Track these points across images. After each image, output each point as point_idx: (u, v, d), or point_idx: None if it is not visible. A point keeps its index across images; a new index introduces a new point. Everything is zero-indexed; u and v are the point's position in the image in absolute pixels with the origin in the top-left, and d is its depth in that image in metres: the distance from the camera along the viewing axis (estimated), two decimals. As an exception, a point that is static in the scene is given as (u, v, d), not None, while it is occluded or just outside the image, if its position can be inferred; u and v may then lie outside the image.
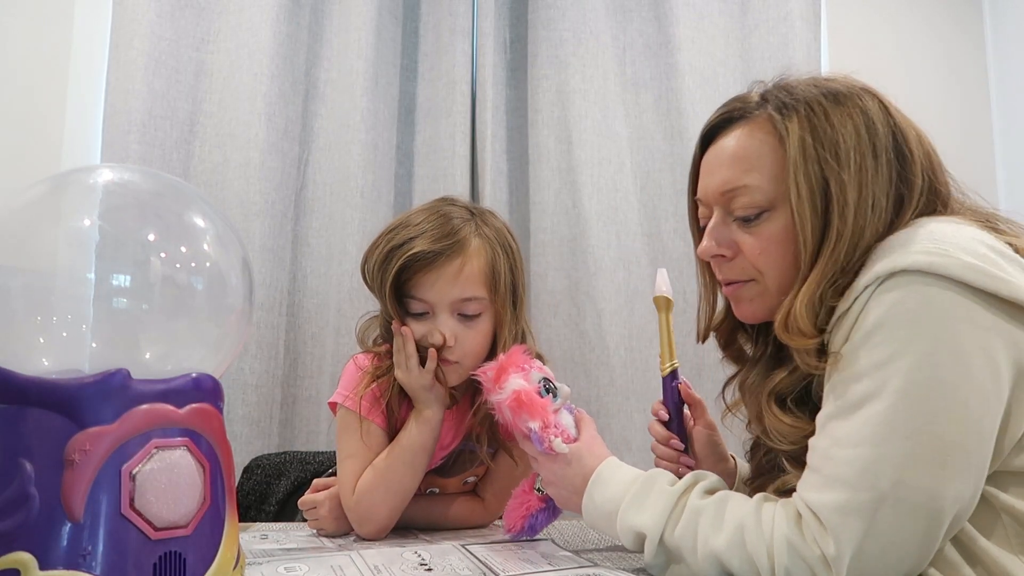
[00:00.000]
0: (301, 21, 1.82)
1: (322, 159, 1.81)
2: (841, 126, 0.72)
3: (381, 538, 0.99)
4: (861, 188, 0.71)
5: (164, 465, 0.59)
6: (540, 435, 0.84)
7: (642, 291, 1.84)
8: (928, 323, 0.62)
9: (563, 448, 0.84)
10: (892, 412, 0.63)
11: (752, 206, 0.76)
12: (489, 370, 0.88)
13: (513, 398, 0.84)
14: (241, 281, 0.72)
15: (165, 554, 0.59)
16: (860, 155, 0.71)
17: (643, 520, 0.74)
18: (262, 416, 1.68)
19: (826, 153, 0.72)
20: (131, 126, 1.65)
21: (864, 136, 0.72)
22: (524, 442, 0.88)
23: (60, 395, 0.57)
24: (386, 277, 0.96)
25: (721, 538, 0.69)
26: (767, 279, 0.77)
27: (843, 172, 0.71)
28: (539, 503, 0.93)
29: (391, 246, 0.97)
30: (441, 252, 0.95)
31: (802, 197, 0.72)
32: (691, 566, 0.72)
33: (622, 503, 0.77)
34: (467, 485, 1.13)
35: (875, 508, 0.62)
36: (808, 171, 0.72)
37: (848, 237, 0.70)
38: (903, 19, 2.08)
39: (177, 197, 0.73)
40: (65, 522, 0.55)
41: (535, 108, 1.88)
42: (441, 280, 0.95)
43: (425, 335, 0.97)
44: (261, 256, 1.69)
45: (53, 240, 0.67)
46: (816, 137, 0.72)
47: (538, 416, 0.84)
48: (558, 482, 0.86)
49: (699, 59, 1.91)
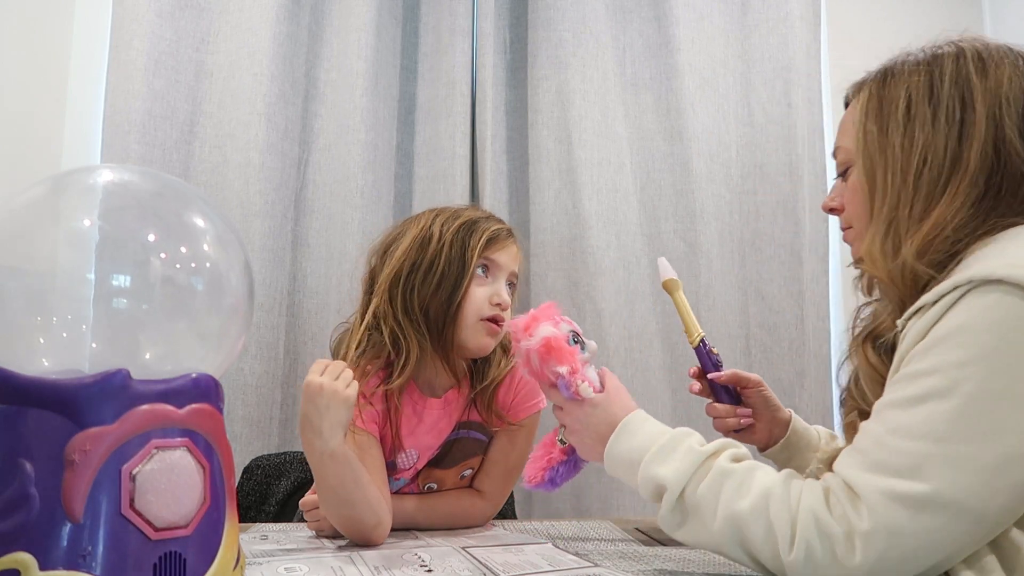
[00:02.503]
0: (301, 21, 1.82)
1: (322, 159, 1.81)
2: (903, 85, 0.78)
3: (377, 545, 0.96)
4: (911, 137, 0.76)
5: (164, 465, 0.59)
6: (568, 379, 0.83)
7: (642, 291, 1.84)
8: (1014, 336, 0.62)
9: (589, 392, 0.84)
10: (958, 414, 0.62)
11: (841, 163, 0.87)
12: (520, 320, 0.88)
13: (543, 343, 0.84)
14: (241, 281, 0.72)
15: (165, 554, 0.58)
16: (912, 107, 0.77)
17: (666, 472, 0.74)
18: (262, 416, 1.68)
19: (880, 112, 0.79)
20: (131, 126, 1.65)
21: (922, 92, 0.77)
22: (550, 391, 0.87)
23: (60, 395, 0.57)
24: (477, 239, 1.07)
25: (746, 502, 0.69)
26: (855, 225, 0.85)
27: (890, 125, 0.77)
28: (561, 455, 0.92)
29: (469, 220, 1.09)
30: (510, 231, 1.12)
31: (858, 149, 0.80)
32: (707, 527, 0.71)
33: (647, 453, 0.77)
34: (463, 480, 1.13)
35: (923, 504, 0.62)
36: (865, 129, 0.80)
37: (900, 180, 0.75)
38: (903, 19, 2.08)
39: (177, 197, 0.73)
40: (65, 522, 0.55)
41: (535, 108, 1.88)
42: (510, 252, 1.10)
43: (491, 295, 1.07)
44: (261, 256, 1.69)
45: (53, 240, 0.67)
46: (871, 99, 0.80)
47: (566, 362, 0.84)
48: (582, 430, 0.85)
49: (699, 59, 1.91)
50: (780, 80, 1.91)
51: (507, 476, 1.13)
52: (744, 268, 1.91)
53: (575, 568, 0.82)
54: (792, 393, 1.82)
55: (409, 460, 1.09)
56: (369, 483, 0.95)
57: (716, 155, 1.91)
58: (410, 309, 1.05)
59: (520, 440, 1.12)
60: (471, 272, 1.05)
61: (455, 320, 1.05)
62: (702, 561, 0.87)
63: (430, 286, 1.05)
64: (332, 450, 0.90)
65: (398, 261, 1.07)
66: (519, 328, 0.87)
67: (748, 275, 1.90)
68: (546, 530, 1.08)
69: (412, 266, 1.06)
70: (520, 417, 1.11)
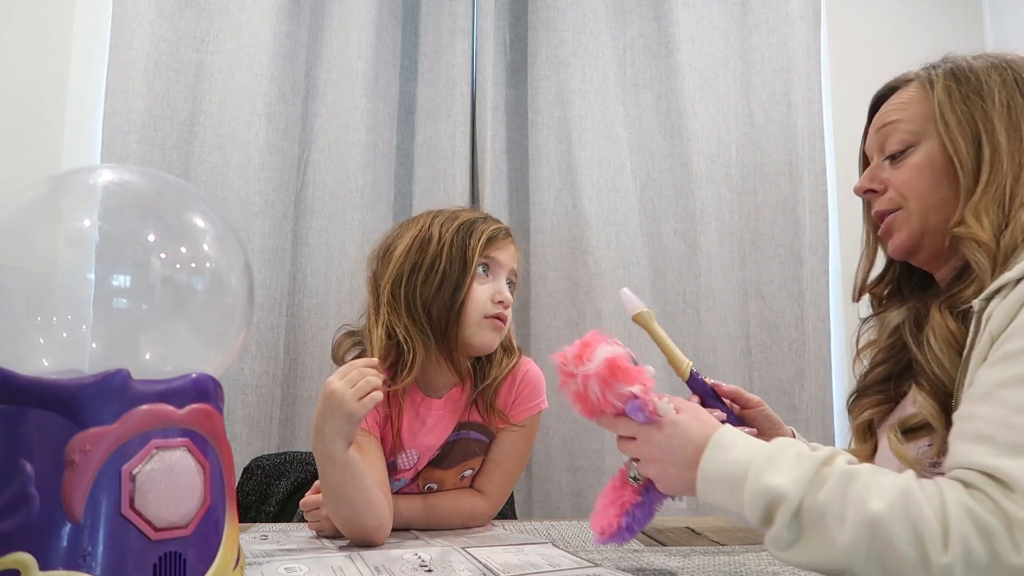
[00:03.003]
0: (301, 21, 1.82)
1: (322, 159, 1.81)
2: (985, 74, 0.81)
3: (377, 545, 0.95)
4: (1010, 118, 0.79)
5: (164, 465, 0.59)
6: (644, 399, 0.73)
7: (642, 291, 1.84)
8: None
9: (670, 409, 0.74)
10: None
11: (900, 142, 0.85)
12: (568, 350, 0.78)
13: (606, 365, 0.74)
14: (241, 281, 0.72)
15: (165, 554, 0.58)
16: (1007, 95, 0.80)
17: (781, 481, 0.65)
18: (262, 416, 1.68)
19: (971, 93, 0.81)
20: (131, 126, 1.65)
21: (1009, 81, 0.80)
22: (615, 421, 0.77)
23: (60, 395, 0.57)
24: (477, 239, 1.08)
25: (881, 503, 0.60)
26: (910, 204, 0.85)
27: (988, 107, 0.80)
28: (634, 496, 0.80)
29: (467, 220, 1.09)
30: (507, 231, 1.13)
31: (950, 126, 0.81)
32: (832, 539, 0.62)
33: (753, 465, 0.67)
34: (464, 480, 1.13)
35: None
36: (954, 108, 0.81)
37: (1009, 161, 0.77)
38: (903, 19, 2.08)
39: (177, 197, 0.73)
40: (65, 522, 0.55)
41: (535, 108, 1.88)
42: (509, 251, 1.12)
43: (493, 293, 1.08)
44: (261, 256, 1.69)
45: (53, 240, 0.67)
46: (960, 83, 0.82)
47: (636, 381, 0.74)
48: (664, 456, 0.74)
49: (699, 59, 1.91)
50: (780, 80, 1.91)
51: (508, 477, 1.13)
52: (744, 268, 1.91)
53: (575, 568, 0.82)
54: (792, 393, 1.82)
55: (409, 460, 1.09)
56: (372, 486, 0.95)
57: (716, 155, 1.91)
58: (413, 310, 1.05)
59: (521, 441, 1.12)
60: (473, 271, 1.06)
61: (458, 319, 1.05)
62: (702, 562, 0.87)
63: (432, 286, 1.05)
64: (331, 454, 0.90)
65: (398, 263, 1.07)
66: (569, 358, 0.77)
67: (748, 275, 1.90)
68: (546, 530, 1.08)
69: (413, 267, 1.06)
70: (521, 418, 1.11)
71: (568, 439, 1.79)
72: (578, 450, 1.79)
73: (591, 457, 1.77)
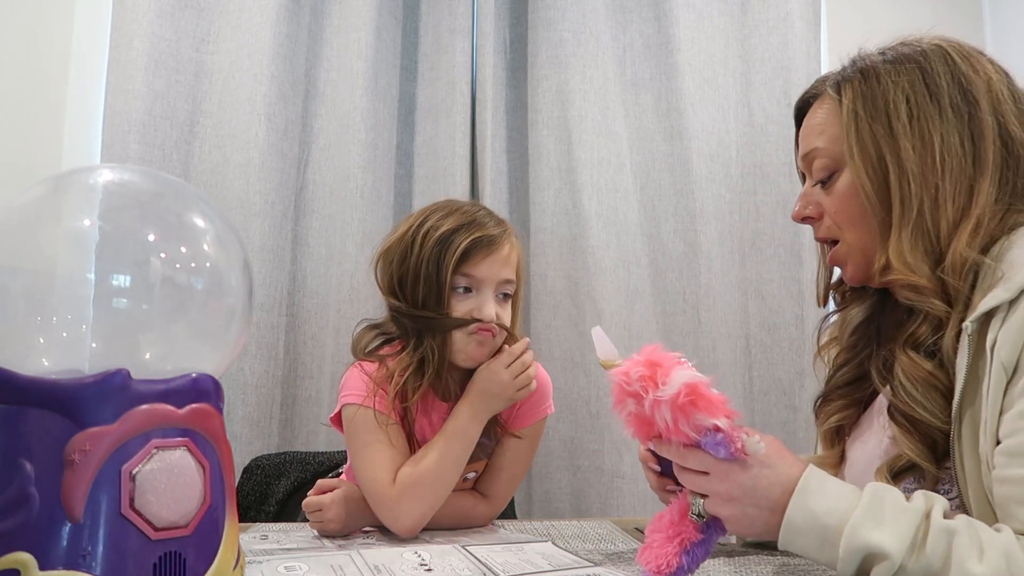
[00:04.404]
0: (301, 21, 1.82)
1: (322, 159, 1.81)
2: (893, 85, 0.76)
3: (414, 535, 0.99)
4: (922, 137, 0.74)
5: (164, 465, 0.59)
6: (729, 434, 0.66)
7: (642, 291, 1.84)
8: None
9: (760, 449, 0.66)
10: None
11: (824, 168, 0.82)
12: (632, 370, 0.66)
13: (686, 392, 0.64)
14: (241, 281, 0.72)
15: (165, 554, 0.58)
16: (914, 100, 0.75)
17: (883, 538, 0.61)
18: (262, 416, 1.68)
19: (874, 110, 0.76)
20: (131, 126, 1.65)
21: (918, 81, 0.75)
22: (684, 452, 0.69)
23: (60, 395, 0.57)
24: (449, 258, 1.01)
25: (983, 567, 0.59)
26: (846, 236, 0.81)
27: (894, 123, 0.75)
28: (695, 533, 0.71)
29: (449, 228, 1.02)
30: (498, 236, 1.04)
31: (854, 156, 0.77)
32: None
33: (852, 515, 0.62)
34: (467, 482, 1.13)
35: None
36: (859, 131, 0.76)
37: (920, 183, 0.73)
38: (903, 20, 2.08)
39: (177, 197, 0.73)
40: (65, 522, 0.55)
41: (535, 108, 1.88)
42: (496, 261, 1.03)
43: (472, 310, 1.02)
44: (261, 256, 1.69)
45: (53, 240, 0.67)
46: (865, 100, 0.77)
47: (720, 413, 0.65)
48: (743, 497, 0.67)
49: (699, 59, 1.91)
50: (780, 80, 1.91)
51: (511, 481, 1.13)
52: (744, 268, 1.91)
53: (575, 568, 0.82)
54: (792, 393, 1.82)
55: (416, 462, 1.09)
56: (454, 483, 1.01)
57: (716, 155, 1.91)
58: (407, 320, 1.05)
59: (525, 446, 1.12)
60: (447, 292, 1.02)
61: (443, 334, 1.03)
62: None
63: (415, 301, 1.03)
64: (473, 432, 1.02)
65: (386, 273, 1.06)
66: (633, 377, 0.66)
67: (748, 275, 1.91)
68: (546, 530, 1.08)
69: (399, 281, 1.05)
70: (527, 423, 1.11)
71: (568, 439, 1.79)
72: (578, 450, 1.79)
73: (591, 457, 1.77)
